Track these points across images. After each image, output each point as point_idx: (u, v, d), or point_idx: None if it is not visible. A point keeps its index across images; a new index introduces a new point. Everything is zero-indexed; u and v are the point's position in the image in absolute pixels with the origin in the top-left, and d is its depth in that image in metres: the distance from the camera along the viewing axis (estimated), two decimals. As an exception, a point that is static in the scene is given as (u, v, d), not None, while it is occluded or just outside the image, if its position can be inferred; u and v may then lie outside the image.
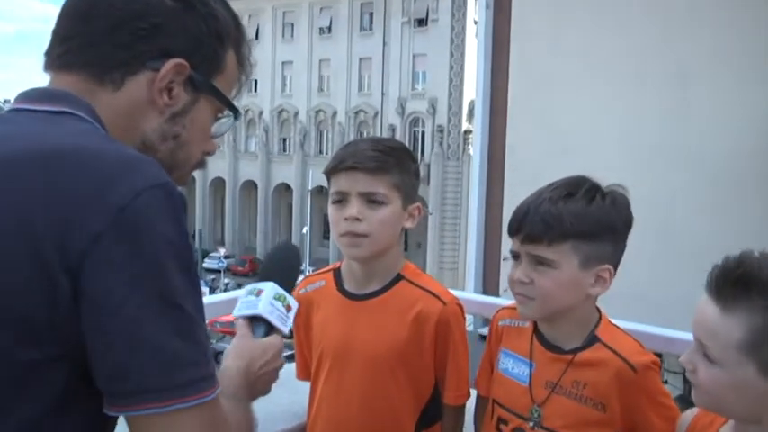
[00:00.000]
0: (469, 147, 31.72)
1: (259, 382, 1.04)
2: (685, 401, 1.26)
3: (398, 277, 1.55)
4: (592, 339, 1.37)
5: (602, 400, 1.33)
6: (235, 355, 1.05)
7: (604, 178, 1.36)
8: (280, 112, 41.00)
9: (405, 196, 1.52)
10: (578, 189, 1.34)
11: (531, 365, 1.41)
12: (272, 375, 1.07)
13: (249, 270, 36.71)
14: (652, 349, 1.43)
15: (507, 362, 1.45)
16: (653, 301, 2.76)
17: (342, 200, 1.50)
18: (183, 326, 0.80)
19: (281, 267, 1.19)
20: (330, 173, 1.52)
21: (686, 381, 1.16)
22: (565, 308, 1.36)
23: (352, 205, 1.48)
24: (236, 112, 1.00)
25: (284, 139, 41.40)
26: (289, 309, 1.12)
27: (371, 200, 1.48)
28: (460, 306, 1.55)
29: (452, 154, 34.69)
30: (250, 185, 42.10)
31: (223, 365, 1.04)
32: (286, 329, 1.11)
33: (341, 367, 1.55)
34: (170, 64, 0.91)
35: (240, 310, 1.11)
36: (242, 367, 1.03)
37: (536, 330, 1.43)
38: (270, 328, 1.10)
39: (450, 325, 1.51)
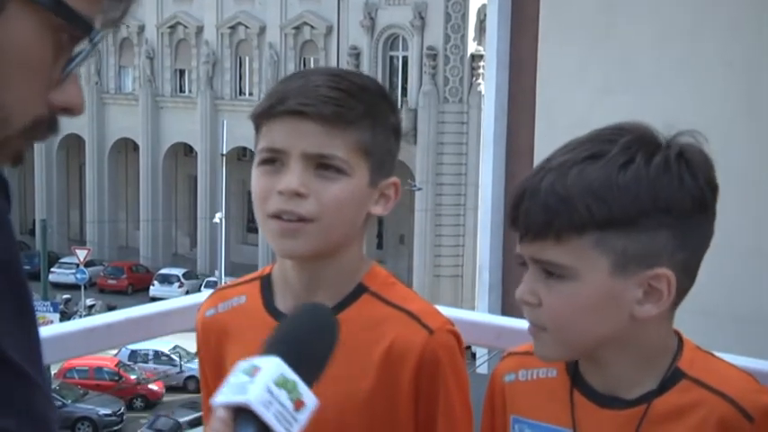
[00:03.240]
0: (480, 81, 31.82)
1: None
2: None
3: (360, 289, 1.57)
4: (673, 376, 1.39)
5: None
6: None
7: (679, 125, 1.35)
8: (173, 29, 40.69)
9: (375, 165, 1.54)
10: (610, 146, 1.33)
11: None
12: None
13: (127, 284, 36.49)
14: None
15: None
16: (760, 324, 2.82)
17: (275, 160, 1.51)
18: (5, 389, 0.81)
19: (302, 338, 1.19)
20: (260, 118, 1.53)
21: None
22: (598, 340, 1.37)
23: (292, 171, 1.48)
24: (87, 28, 0.89)
25: (181, 72, 41.13)
26: (299, 406, 1.13)
27: (323, 165, 1.49)
28: (456, 335, 1.57)
29: (452, 93, 34.79)
30: (126, 147, 41.77)
31: None
32: None
33: None
34: None
35: (223, 395, 1.13)
36: None
37: (575, 377, 1.44)
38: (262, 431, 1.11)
39: (440, 365, 1.53)
